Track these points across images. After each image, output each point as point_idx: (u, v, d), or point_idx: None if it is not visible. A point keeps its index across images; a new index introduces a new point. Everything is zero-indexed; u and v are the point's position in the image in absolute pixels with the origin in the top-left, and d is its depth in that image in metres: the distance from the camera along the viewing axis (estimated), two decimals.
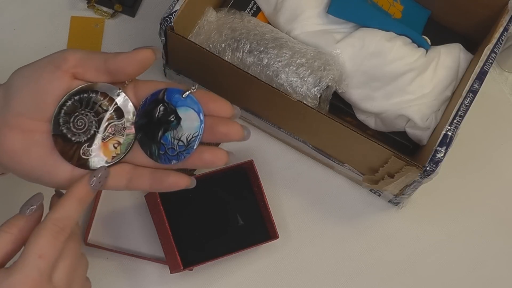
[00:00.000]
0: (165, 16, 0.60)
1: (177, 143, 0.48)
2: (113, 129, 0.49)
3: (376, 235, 0.68)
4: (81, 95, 0.48)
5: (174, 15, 0.60)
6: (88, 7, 0.74)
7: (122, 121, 0.49)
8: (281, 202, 0.68)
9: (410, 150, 0.68)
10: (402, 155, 0.57)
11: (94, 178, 0.48)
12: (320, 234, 0.67)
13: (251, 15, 0.69)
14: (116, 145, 0.49)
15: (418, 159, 0.61)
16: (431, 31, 0.71)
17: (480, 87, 0.60)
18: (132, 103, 0.49)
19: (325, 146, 0.65)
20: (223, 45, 0.65)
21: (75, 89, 0.48)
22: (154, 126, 0.49)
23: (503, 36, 0.63)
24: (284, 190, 0.68)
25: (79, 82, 0.48)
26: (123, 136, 0.49)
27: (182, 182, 0.49)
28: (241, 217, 0.65)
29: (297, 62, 0.64)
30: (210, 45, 0.65)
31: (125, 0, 0.74)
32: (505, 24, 0.63)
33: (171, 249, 0.60)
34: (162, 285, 0.64)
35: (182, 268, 0.60)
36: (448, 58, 0.66)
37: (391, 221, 0.69)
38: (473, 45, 0.69)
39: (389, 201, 0.68)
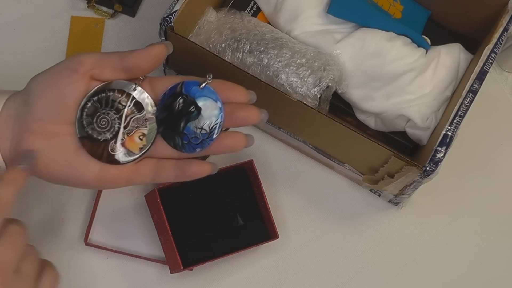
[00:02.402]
0: (165, 16, 0.60)
1: (200, 132, 0.50)
2: (135, 122, 0.51)
3: (376, 235, 0.68)
4: (100, 95, 0.50)
5: (174, 15, 0.60)
6: (88, 7, 0.74)
7: (143, 113, 0.51)
8: (281, 202, 0.68)
9: (410, 150, 0.68)
10: (402, 155, 0.57)
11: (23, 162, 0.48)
12: (320, 234, 0.67)
13: (251, 15, 0.69)
14: (141, 137, 0.51)
15: (418, 159, 0.61)
16: (431, 31, 0.71)
17: (480, 87, 0.60)
18: (150, 96, 0.51)
19: (325, 146, 0.65)
20: (223, 45, 0.65)
21: (92, 91, 0.50)
22: (175, 118, 0.51)
23: (503, 36, 0.63)
24: (284, 190, 0.68)
25: (96, 83, 0.50)
26: (147, 127, 0.51)
27: (206, 169, 0.51)
28: (241, 217, 0.65)
29: (297, 62, 0.64)
30: (210, 45, 0.65)
31: (125, 0, 0.74)
32: (505, 24, 0.63)
33: (171, 249, 0.60)
34: (162, 285, 0.64)
35: (182, 268, 0.60)
36: (448, 58, 0.66)
37: (391, 221, 0.69)
38: (473, 45, 0.69)
39: (389, 201, 0.68)
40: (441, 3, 0.70)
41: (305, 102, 0.61)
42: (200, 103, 0.50)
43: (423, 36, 0.69)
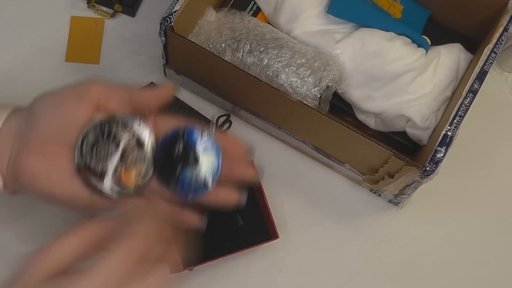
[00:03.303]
0: (165, 16, 0.60)
1: (195, 181, 0.50)
2: (134, 159, 0.50)
3: (376, 235, 0.68)
4: (103, 126, 0.50)
5: (174, 15, 0.60)
6: (88, 7, 0.74)
7: (143, 151, 0.51)
8: (281, 202, 0.68)
9: (410, 150, 0.68)
10: (402, 155, 0.57)
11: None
12: (320, 234, 0.67)
13: (251, 15, 0.69)
14: (137, 174, 0.50)
15: (418, 159, 0.61)
16: (431, 31, 0.71)
17: (480, 87, 0.60)
18: (152, 135, 0.51)
19: (325, 146, 0.65)
20: (223, 45, 0.65)
21: (96, 120, 0.50)
22: (173, 161, 0.51)
23: (503, 36, 0.63)
24: (284, 190, 0.68)
25: (101, 112, 0.50)
26: (145, 165, 0.51)
27: (195, 221, 0.53)
28: (241, 217, 0.65)
29: (297, 62, 0.64)
30: (210, 45, 0.65)
31: (125, 0, 0.74)
32: (505, 24, 0.63)
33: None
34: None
35: (182, 268, 0.60)
36: (448, 58, 0.66)
37: (391, 221, 0.69)
38: (473, 45, 0.69)
39: (389, 201, 0.68)
40: (441, 3, 0.70)
41: (305, 102, 0.61)
42: (200, 153, 0.50)
43: (423, 36, 0.69)
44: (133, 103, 0.50)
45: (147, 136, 0.51)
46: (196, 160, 0.50)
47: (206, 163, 0.50)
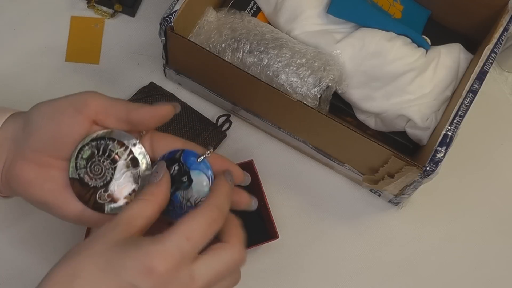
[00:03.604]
0: (165, 16, 0.60)
1: (186, 203, 0.50)
2: (128, 177, 0.51)
3: (376, 235, 0.68)
4: (99, 141, 0.50)
5: (174, 15, 0.60)
6: (88, 7, 0.74)
7: (137, 170, 0.51)
8: (281, 202, 0.68)
9: (410, 150, 0.68)
10: (402, 155, 0.57)
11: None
12: (320, 234, 0.67)
13: (251, 15, 0.69)
14: (131, 193, 0.51)
15: (418, 159, 0.61)
16: (431, 31, 0.71)
17: (480, 87, 0.60)
18: (148, 155, 0.51)
19: (325, 146, 0.65)
20: (223, 45, 0.65)
21: (93, 136, 0.50)
22: None
23: (503, 36, 0.63)
24: (284, 190, 0.68)
25: (97, 128, 0.50)
26: (138, 184, 0.51)
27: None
28: (241, 217, 0.65)
29: (297, 62, 0.64)
30: (210, 45, 0.65)
31: (125, 0, 0.74)
32: (505, 24, 0.63)
33: None
34: None
35: None
36: (448, 58, 0.66)
37: (391, 221, 0.69)
38: (473, 45, 0.69)
39: (389, 201, 0.68)
40: (441, 3, 0.70)
41: (305, 102, 0.61)
42: (194, 176, 0.50)
43: (423, 36, 0.69)
44: (130, 121, 0.50)
45: (142, 155, 0.51)
46: (189, 183, 0.50)
47: (198, 187, 0.50)
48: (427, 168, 0.56)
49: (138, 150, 0.51)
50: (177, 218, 0.48)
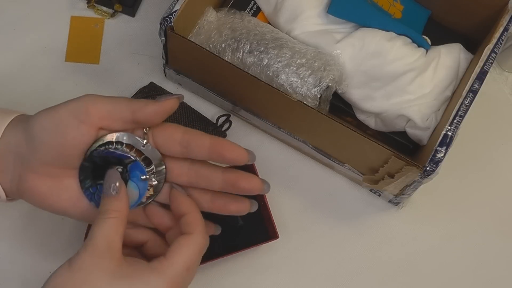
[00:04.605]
0: (165, 16, 0.60)
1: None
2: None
3: (376, 235, 0.68)
4: (107, 146, 0.50)
5: (174, 15, 0.60)
6: (88, 7, 0.74)
7: (152, 168, 0.52)
8: (281, 202, 0.68)
9: (410, 150, 0.68)
10: (402, 155, 0.57)
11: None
12: (320, 234, 0.67)
13: (251, 15, 0.69)
14: (149, 188, 0.52)
15: (418, 159, 0.61)
16: (431, 31, 0.70)
17: (480, 87, 0.60)
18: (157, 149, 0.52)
19: (325, 146, 0.65)
20: (223, 45, 0.65)
21: (100, 142, 0.50)
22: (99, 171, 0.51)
23: (503, 36, 0.63)
24: (284, 190, 0.68)
25: (104, 132, 0.50)
26: (154, 179, 0.52)
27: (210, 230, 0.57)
28: (241, 217, 0.65)
29: (297, 62, 0.64)
30: (210, 45, 0.65)
31: (125, 0, 0.74)
32: (505, 24, 0.63)
33: None
34: None
35: None
36: (448, 58, 0.66)
37: (391, 221, 0.69)
38: (473, 45, 0.69)
39: (389, 201, 0.68)
40: (441, 3, 0.70)
41: (305, 102, 0.61)
42: (129, 187, 0.51)
43: (423, 36, 0.69)
44: (136, 122, 0.50)
45: (153, 152, 0.51)
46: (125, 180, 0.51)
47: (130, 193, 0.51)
48: (427, 168, 0.56)
49: (148, 148, 0.51)
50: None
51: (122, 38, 0.74)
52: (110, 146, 0.50)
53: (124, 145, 0.51)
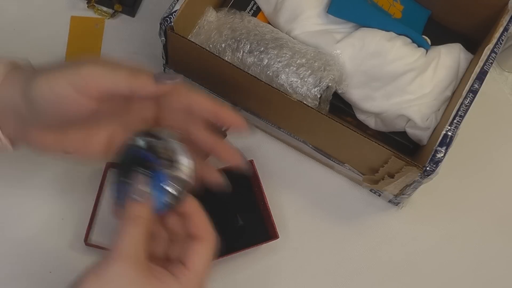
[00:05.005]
0: (165, 16, 0.60)
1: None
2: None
3: (376, 235, 0.68)
4: (145, 141, 0.51)
5: (174, 15, 0.60)
6: (88, 7, 0.74)
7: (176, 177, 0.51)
8: (281, 202, 0.68)
9: (410, 150, 0.68)
10: (402, 155, 0.57)
11: None
12: (320, 234, 0.67)
13: (251, 15, 0.69)
14: (171, 196, 0.51)
15: (418, 159, 0.61)
16: (431, 31, 0.71)
17: (480, 87, 0.60)
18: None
19: (325, 146, 0.65)
20: (223, 45, 0.65)
21: (141, 135, 0.51)
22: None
23: (503, 36, 0.63)
24: (284, 190, 0.68)
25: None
26: (176, 190, 0.51)
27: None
28: (241, 217, 0.65)
29: (297, 62, 0.64)
30: (210, 45, 0.65)
31: (125, 0, 0.74)
32: (505, 24, 0.63)
33: None
34: None
35: None
36: (448, 58, 0.66)
37: (391, 221, 0.69)
38: (473, 45, 0.69)
39: (389, 201, 0.68)
40: (441, 3, 0.70)
41: (305, 102, 0.61)
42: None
43: (423, 36, 0.69)
44: (134, 95, 0.50)
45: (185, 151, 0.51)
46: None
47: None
48: (427, 168, 0.56)
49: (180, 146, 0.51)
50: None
51: (122, 38, 0.74)
52: (147, 139, 0.51)
53: (162, 139, 0.51)
